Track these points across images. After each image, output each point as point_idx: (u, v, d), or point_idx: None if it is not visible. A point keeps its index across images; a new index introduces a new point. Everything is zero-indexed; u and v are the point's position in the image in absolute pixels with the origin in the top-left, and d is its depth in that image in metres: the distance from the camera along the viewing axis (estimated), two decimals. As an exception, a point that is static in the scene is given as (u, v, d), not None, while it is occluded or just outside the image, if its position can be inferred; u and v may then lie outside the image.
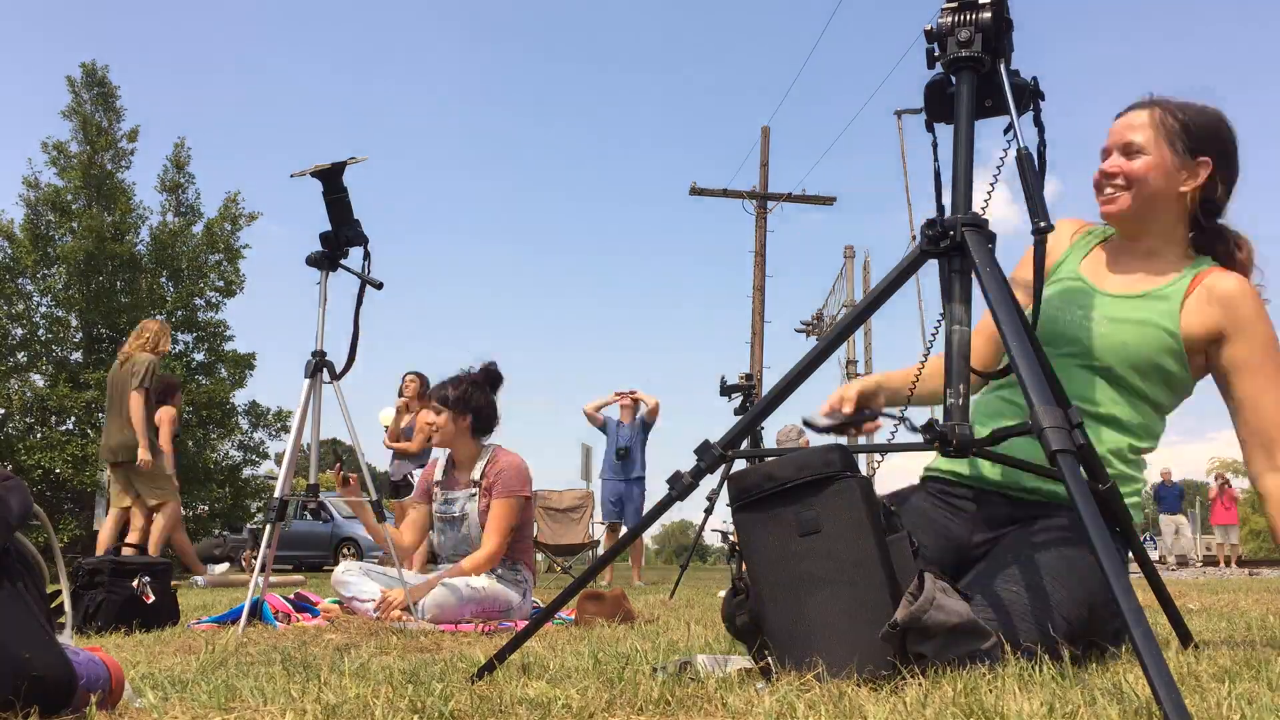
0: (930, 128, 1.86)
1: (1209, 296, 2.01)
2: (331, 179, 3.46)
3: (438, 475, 3.95)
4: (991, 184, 2.03)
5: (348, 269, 3.59)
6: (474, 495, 3.80)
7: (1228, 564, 17.01)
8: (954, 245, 1.66)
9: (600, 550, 9.18)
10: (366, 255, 3.59)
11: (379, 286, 3.63)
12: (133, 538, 7.02)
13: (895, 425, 1.89)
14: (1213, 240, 2.09)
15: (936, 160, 1.81)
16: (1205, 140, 2.02)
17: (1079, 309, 2.05)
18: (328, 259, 3.56)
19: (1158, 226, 2.06)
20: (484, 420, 3.90)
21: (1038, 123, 1.89)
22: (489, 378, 3.96)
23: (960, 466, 2.08)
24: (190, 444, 16.96)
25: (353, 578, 3.68)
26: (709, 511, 6.36)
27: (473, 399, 3.87)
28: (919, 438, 1.65)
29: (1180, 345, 1.99)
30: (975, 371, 1.85)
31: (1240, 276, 2.04)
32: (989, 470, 2.03)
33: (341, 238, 3.53)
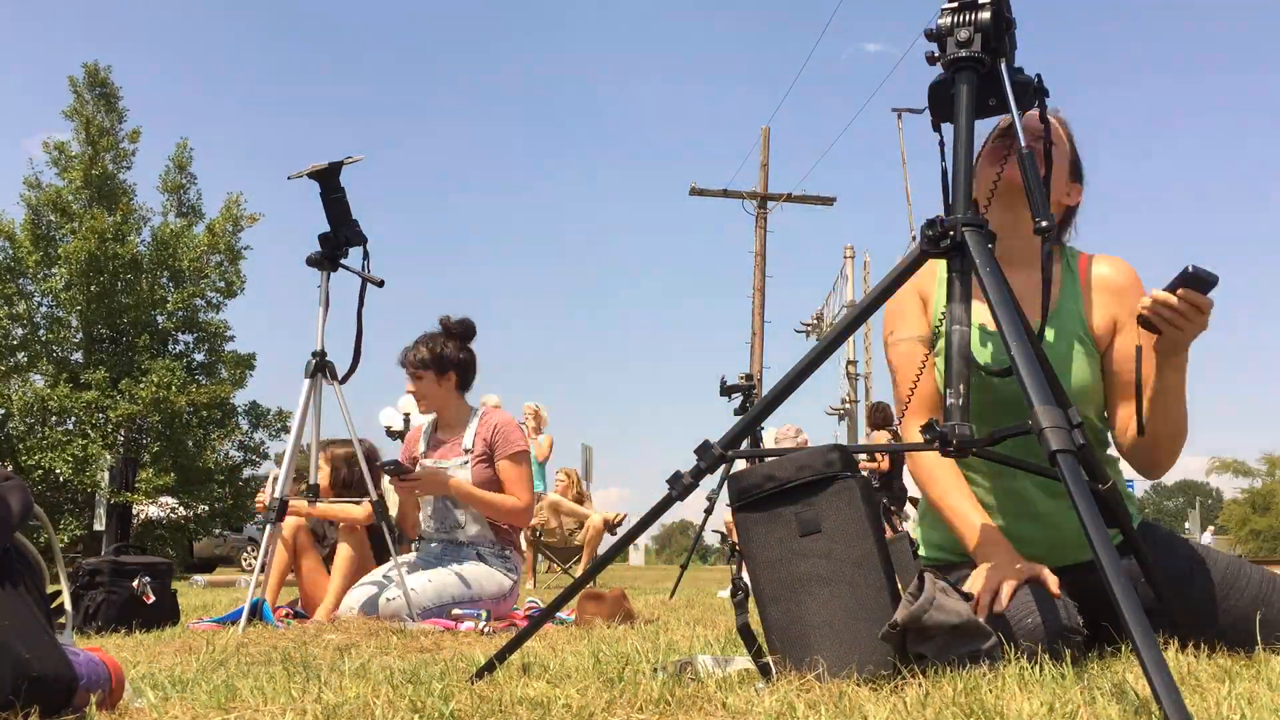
0: (937, 128, 1.85)
1: (1100, 290, 2.04)
2: (328, 179, 3.46)
3: (421, 447, 3.81)
4: (993, 185, 2.03)
5: (348, 268, 3.59)
6: (466, 463, 3.66)
7: None
8: (954, 245, 1.66)
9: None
10: (366, 254, 3.59)
11: (380, 284, 3.63)
12: None
13: (894, 425, 1.89)
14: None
15: (944, 160, 1.81)
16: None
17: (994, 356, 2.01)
18: (328, 259, 3.55)
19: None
20: (467, 374, 3.77)
21: (1043, 119, 1.89)
22: (462, 329, 3.80)
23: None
24: (190, 444, 16.95)
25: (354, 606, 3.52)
26: (709, 511, 6.35)
27: (449, 354, 3.72)
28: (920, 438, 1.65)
29: (1098, 357, 2.03)
30: (980, 369, 1.85)
31: (1113, 258, 2.08)
32: None
33: (341, 237, 3.53)
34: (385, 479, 3.85)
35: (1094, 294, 2.05)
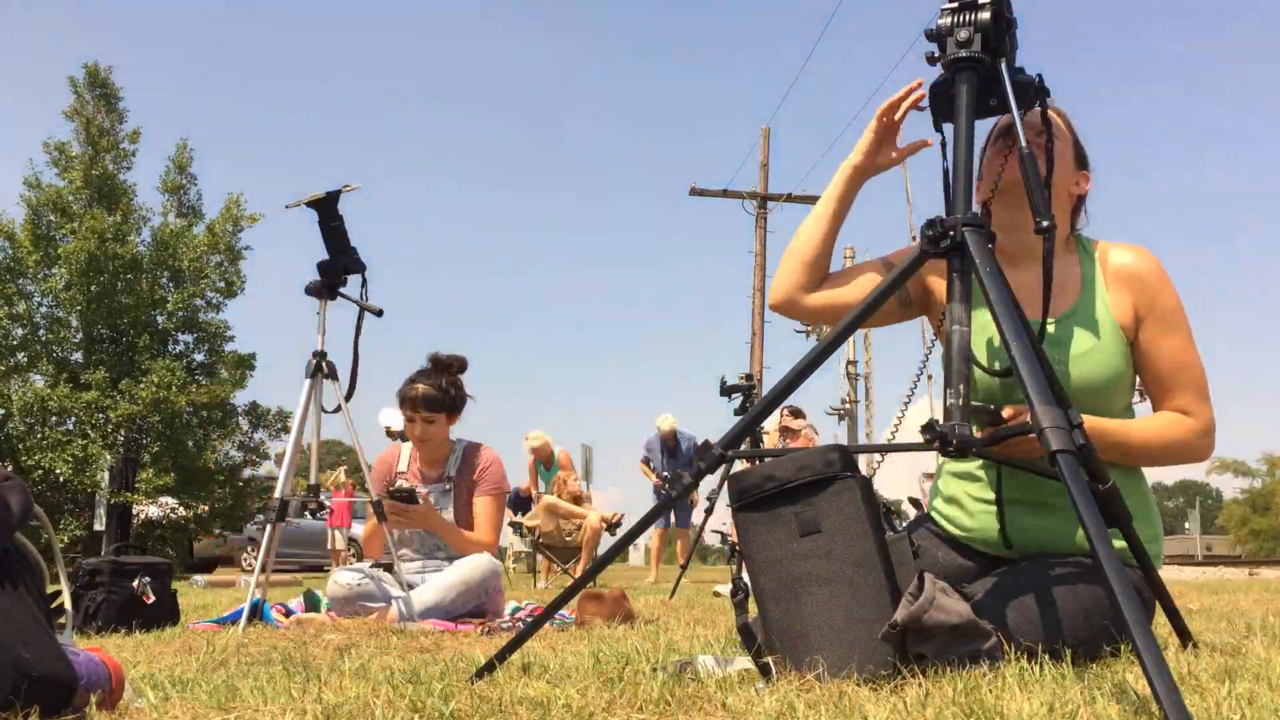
0: (938, 128, 1.86)
1: (1119, 280, 1.99)
2: (326, 207, 3.44)
3: (401, 465, 3.85)
4: (995, 183, 2.03)
5: (346, 297, 3.57)
6: (448, 491, 3.74)
7: None
8: (954, 245, 1.66)
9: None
10: (365, 281, 3.57)
11: (379, 313, 3.61)
12: None
13: (895, 425, 1.89)
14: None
15: (944, 160, 1.81)
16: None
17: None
18: (326, 288, 3.54)
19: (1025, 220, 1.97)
20: (462, 412, 3.81)
21: (1044, 119, 1.89)
22: (460, 365, 3.79)
23: (964, 521, 2.07)
24: (190, 444, 16.94)
25: (353, 582, 3.54)
26: (709, 511, 6.36)
27: (457, 393, 3.74)
28: (919, 437, 1.65)
29: (1127, 345, 1.99)
30: (981, 367, 1.85)
31: (1135, 247, 2.04)
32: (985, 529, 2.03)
33: (339, 265, 3.51)
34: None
35: (1112, 282, 2.00)
